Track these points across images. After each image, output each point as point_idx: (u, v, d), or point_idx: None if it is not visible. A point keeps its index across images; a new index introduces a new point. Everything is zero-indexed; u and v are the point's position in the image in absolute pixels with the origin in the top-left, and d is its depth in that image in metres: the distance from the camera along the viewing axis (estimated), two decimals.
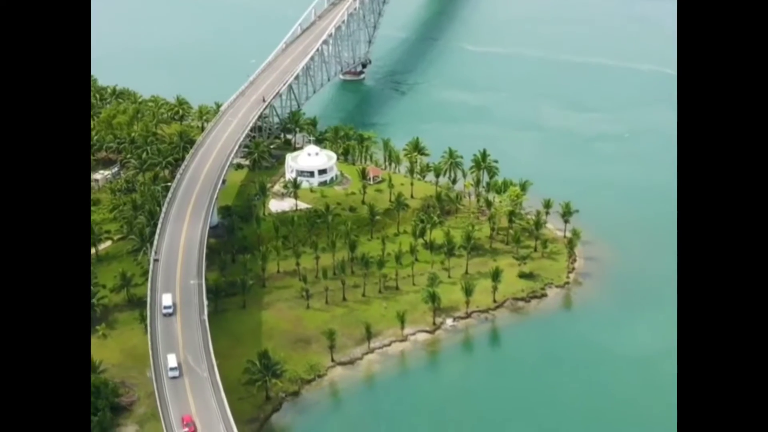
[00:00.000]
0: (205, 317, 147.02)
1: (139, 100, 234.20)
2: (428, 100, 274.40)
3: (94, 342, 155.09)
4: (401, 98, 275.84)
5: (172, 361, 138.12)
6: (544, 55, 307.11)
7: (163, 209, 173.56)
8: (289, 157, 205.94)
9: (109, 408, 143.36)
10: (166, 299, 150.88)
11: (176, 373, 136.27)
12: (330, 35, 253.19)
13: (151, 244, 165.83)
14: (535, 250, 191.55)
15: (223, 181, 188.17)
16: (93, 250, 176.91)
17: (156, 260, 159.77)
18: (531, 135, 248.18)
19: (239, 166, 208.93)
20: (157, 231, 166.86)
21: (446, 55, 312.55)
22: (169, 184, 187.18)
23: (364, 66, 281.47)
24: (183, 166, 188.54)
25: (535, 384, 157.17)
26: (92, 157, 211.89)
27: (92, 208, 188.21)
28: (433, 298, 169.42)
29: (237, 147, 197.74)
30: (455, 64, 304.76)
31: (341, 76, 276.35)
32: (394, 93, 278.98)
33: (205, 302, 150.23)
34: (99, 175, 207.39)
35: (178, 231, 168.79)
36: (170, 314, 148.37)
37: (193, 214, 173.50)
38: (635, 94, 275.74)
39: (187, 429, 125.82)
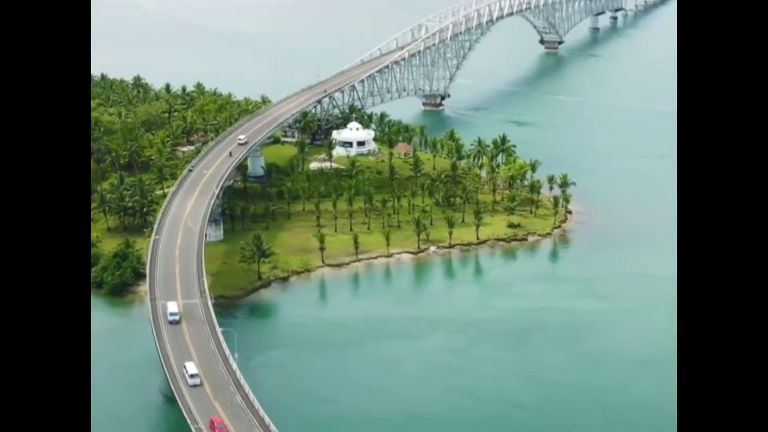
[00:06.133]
0: (213, 200, 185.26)
1: (233, 99, 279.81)
2: (498, 127, 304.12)
3: (141, 241, 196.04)
4: (474, 124, 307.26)
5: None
6: (626, 104, 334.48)
7: (207, 148, 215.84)
8: (335, 132, 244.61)
9: (132, 271, 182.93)
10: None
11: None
12: (403, 59, 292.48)
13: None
14: (530, 212, 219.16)
15: (271, 138, 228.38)
16: (161, 191, 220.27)
17: (190, 170, 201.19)
18: (579, 153, 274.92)
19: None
20: (195, 159, 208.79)
21: (535, 102, 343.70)
22: None
23: (442, 98, 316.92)
24: (235, 125, 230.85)
25: (500, 293, 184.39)
26: (185, 138, 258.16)
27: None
28: (418, 224, 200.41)
29: (287, 117, 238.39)
30: (541, 108, 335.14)
31: (422, 106, 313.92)
32: (468, 119, 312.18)
33: (217, 190, 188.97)
34: (185, 148, 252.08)
35: (214, 160, 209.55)
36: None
37: (233, 151, 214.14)
38: None
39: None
